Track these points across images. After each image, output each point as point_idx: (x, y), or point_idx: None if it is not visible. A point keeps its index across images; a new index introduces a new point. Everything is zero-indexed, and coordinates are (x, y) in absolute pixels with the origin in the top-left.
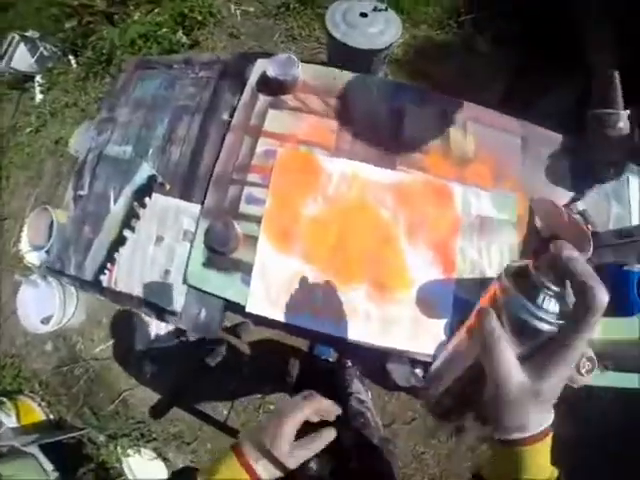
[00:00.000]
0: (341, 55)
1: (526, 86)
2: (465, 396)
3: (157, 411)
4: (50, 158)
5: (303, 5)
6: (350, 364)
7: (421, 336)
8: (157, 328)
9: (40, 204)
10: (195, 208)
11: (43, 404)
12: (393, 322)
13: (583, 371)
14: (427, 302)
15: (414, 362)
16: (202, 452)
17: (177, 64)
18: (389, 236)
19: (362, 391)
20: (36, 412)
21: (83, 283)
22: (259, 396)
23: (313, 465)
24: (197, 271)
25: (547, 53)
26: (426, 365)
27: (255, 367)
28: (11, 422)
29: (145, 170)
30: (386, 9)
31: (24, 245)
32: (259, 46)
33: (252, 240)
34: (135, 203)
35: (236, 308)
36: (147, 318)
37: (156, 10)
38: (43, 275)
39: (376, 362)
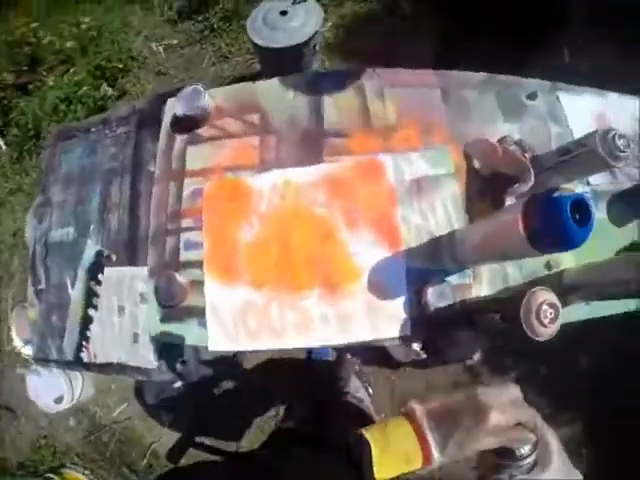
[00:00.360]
0: (270, 58)
1: (452, 50)
2: None
3: (173, 456)
4: (12, 254)
5: (227, 22)
6: (350, 356)
7: (381, 322)
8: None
9: (17, 302)
10: (144, 271)
11: (87, 472)
12: (350, 317)
13: (546, 321)
14: (379, 285)
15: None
16: None
17: (95, 127)
18: (328, 233)
19: (360, 389)
20: None
21: (68, 364)
22: (273, 413)
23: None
24: (156, 328)
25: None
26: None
27: (262, 390)
28: None
29: (91, 248)
30: (305, 0)
31: (17, 342)
32: (190, 76)
33: (199, 285)
34: (91, 282)
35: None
36: None
37: (71, 70)
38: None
39: (375, 347)
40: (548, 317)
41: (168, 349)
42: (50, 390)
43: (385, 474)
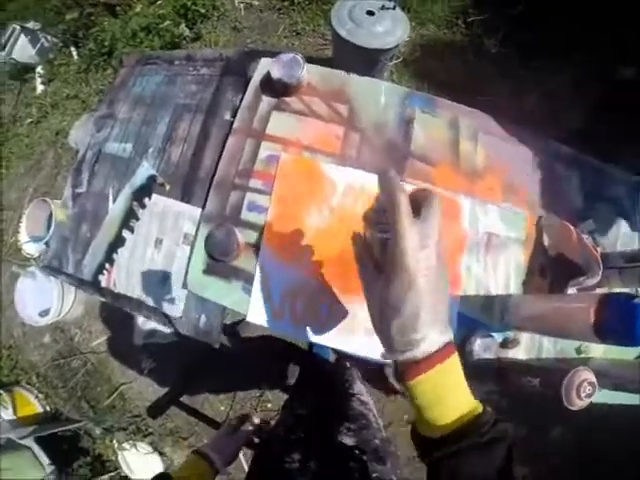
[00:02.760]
0: (346, 53)
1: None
2: None
3: (155, 410)
4: (50, 149)
5: (308, 0)
6: (349, 365)
7: None
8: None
9: (39, 195)
10: (196, 211)
11: (40, 396)
12: None
13: (583, 395)
14: None
15: None
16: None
17: (178, 60)
18: None
19: (364, 392)
20: (33, 404)
21: (81, 282)
22: (258, 394)
23: (314, 466)
24: (197, 278)
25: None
26: None
27: (254, 364)
28: (8, 414)
29: (145, 169)
30: (394, 8)
31: (23, 236)
32: (262, 40)
33: (254, 248)
34: (134, 203)
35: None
36: None
37: (159, 2)
38: (41, 267)
39: (374, 366)
40: (586, 392)
41: (199, 303)
42: (39, 300)
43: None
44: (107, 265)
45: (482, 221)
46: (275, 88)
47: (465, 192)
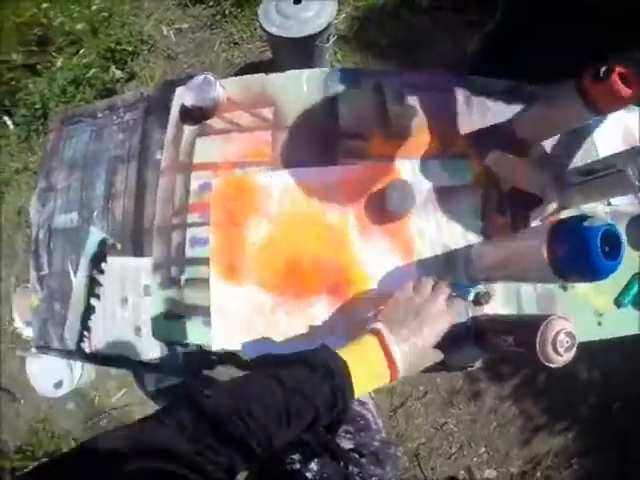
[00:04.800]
0: (282, 48)
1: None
2: None
3: None
4: (16, 232)
5: (239, 7)
6: None
7: None
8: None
9: (22, 282)
10: (149, 262)
11: None
12: (357, 325)
13: (561, 350)
14: (389, 295)
15: None
16: None
17: (101, 112)
18: (340, 239)
19: None
20: None
21: (69, 353)
22: None
23: (314, 466)
24: (159, 324)
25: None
26: None
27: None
28: None
29: (94, 235)
30: None
31: (18, 323)
32: (200, 62)
33: (204, 282)
34: (93, 271)
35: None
36: None
37: (81, 51)
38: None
39: None
40: (564, 346)
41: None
42: (50, 374)
43: (361, 391)
44: (85, 333)
45: (425, 178)
46: (193, 115)
47: (402, 156)
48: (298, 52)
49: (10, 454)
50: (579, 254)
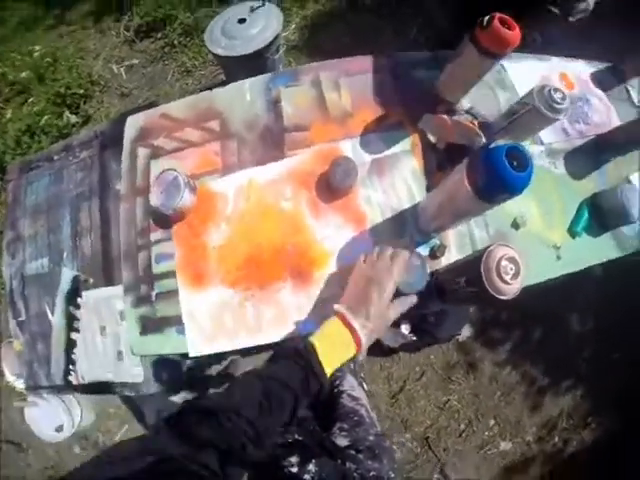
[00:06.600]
0: (232, 67)
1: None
2: None
3: None
4: None
5: (187, 37)
6: None
7: None
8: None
9: (5, 338)
10: (121, 289)
11: None
12: (325, 302)
13: (507, 277)
14: (350, 265)
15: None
16: None
17: (57, 155)
18: (295, 224)
19: (356, 386)
20: None
21: (59, 389)
22: None
23: (312, 467)
24: (136, 341)
25: None
26: (411, 318)
27: None
28: None
29: (67, 274)
30: (263, 4)
31: (8, 377)
32: (155, 94)
33: (174, 294)
34: (70, 308)
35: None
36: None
37: (29, 100)
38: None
39: None
40: (509, 273)
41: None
42: (49, 419)
43: (332, 365)
44: (71, 366)
45: (366, 152)
46: (148, 143)
47: (343, 137)
48: (249, 69)
49: None
50: (493, 174)
